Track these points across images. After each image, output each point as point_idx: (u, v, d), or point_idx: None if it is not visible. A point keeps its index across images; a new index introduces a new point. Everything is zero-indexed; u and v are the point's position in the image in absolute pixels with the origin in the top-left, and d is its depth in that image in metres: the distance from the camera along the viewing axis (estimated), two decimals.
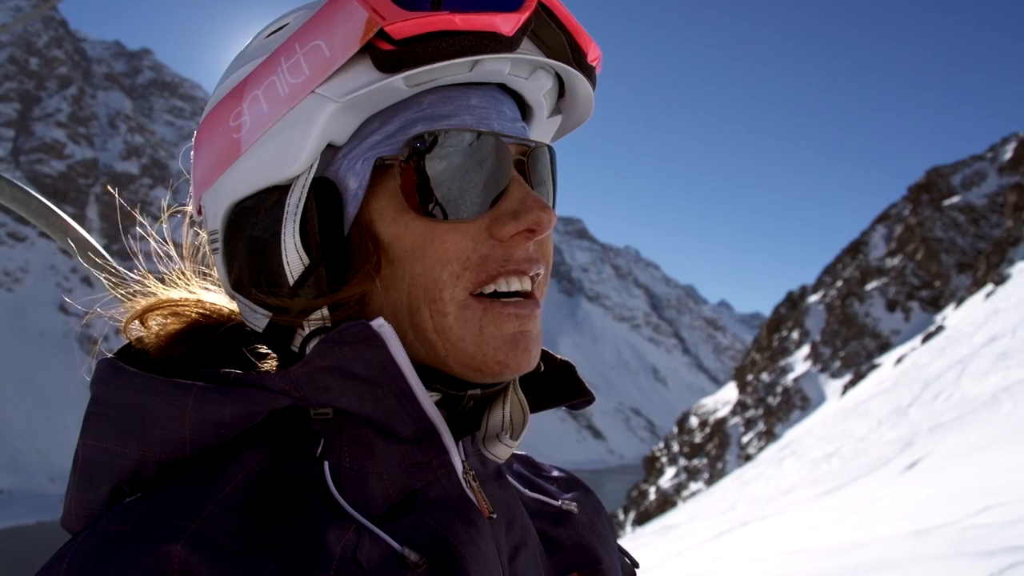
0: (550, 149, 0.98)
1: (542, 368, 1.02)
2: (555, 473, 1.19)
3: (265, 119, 0.85)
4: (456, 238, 0.85)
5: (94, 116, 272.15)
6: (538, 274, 0.91)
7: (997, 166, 50.31)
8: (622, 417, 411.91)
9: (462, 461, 0.91)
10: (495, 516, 0.91)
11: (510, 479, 1.03)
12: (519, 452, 1.19)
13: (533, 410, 1.00)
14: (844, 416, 23.61)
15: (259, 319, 0.91)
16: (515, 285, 0.88)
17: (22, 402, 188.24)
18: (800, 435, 27.78)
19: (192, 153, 0.98)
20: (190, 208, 1.03)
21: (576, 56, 0.92)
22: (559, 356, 1.05)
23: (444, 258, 0.85)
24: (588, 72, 0.95)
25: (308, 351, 0.86)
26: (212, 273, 1.05)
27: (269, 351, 0.92)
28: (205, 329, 0.98)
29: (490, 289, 0.87)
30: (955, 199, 49.79)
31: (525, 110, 1.00)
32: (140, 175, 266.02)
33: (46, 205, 1.87)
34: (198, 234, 1.05)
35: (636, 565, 1.22)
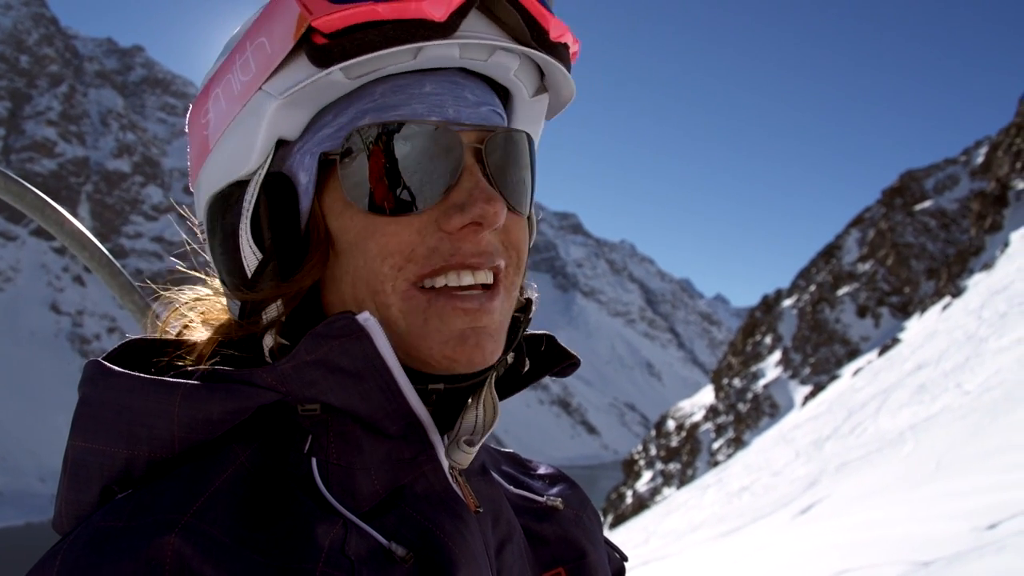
0: (513, 132, 0.93)
1: (526, 367, 1.01)
2: (541, 470, 1.18)
3: (224, 116, 0.87)
4: (398, 231, 0.84)
5: (85, 114, 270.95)
6: (497, 266, 0.89)
7: (969, 170, 50.35)
8: (616, 412, 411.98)
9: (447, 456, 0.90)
10: (481, 510, 0.91)
11: (494, 476, 1.03)
12: (506, 449, 1.20)
13: (520, 387, 1.00)
14: (774, 443, 23.66)
15: (236, 309, 0.92)
16: (467, 279, 0.86)
17: (12, 401, 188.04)
18: (733, 461, 27.86)
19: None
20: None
21: (536, 35, 0.88)
22: (540, 332, 1.04)
23: (385, 251, 0.84)
24: (552, 50, 0.91)
25: (264, 349, 0.89)
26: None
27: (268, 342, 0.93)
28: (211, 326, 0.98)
29: (440, 283, 0.86)
30: (927, 204, 49.84)
31: (506, 94, 0.98)
32: (132, 173, 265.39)
33: (41, 198, 1.86)
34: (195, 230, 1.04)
35: (625, 559, 1.22)
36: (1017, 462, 8.72)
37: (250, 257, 0.87)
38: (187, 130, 0.97)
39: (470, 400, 0.94)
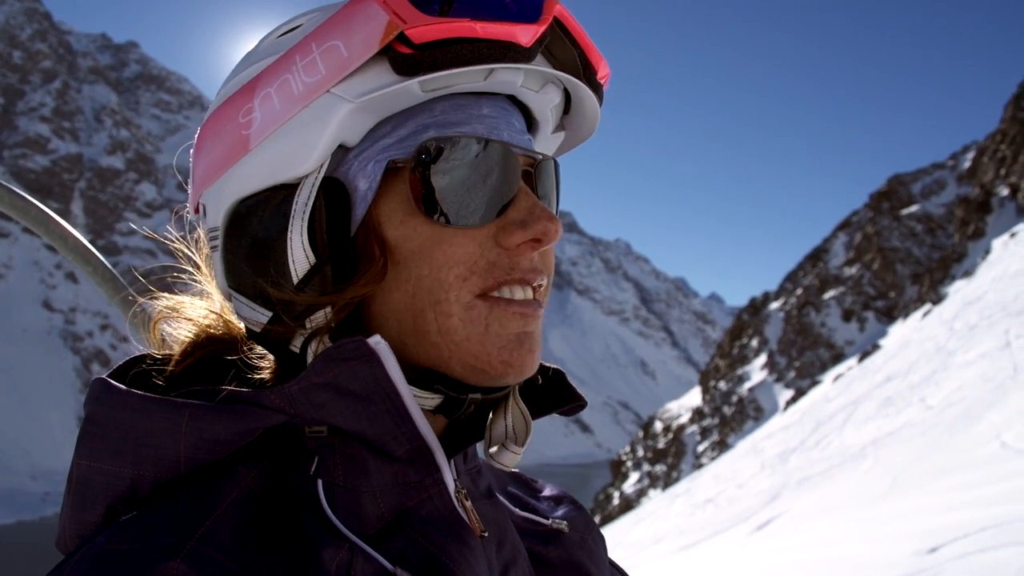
0: (555, 162, 0.99)
1: (539, 381, 1.03)
2: (546, 491, 1.20)
3: (277, 116, 0.85)
4: (463, 243, 0.86)
5: (79, 110, 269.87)
6: (541, 284, 0.92)
7: (956, 175, 50.49)
8: (610, 411, 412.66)
9: (454, 480, 0.91)
10: (486, 535, 0.92)
11: (500, 498, 1.03)
12: (512, 469, 1.18)
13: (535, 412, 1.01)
14: (744, 453, 23.68)
15: (258, 317, 0.90)
16: (519, 294, 0.89)
17: (4, 399, 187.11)
18: (705, 470, 27.90)
19: (193, 150, 0.97)
20: (188, 206, 1.01)
21: (586, 72, 0.94)
22: (550, 364, 1.06)
23: (451, 261, 0.86)
24: (596, 88, 0.97)
25: (308, 354, 0.88)
26: (203, 270, 1.03)
27: (265, 352, 0.93)
28: (216, 342, 0.98)
29: (494, 295, 0.88)
30: (913, 208, 49.99)
31: (531, 124, 1.01)
32: (126, 170, 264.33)
33: (45, 212, 1.88)
34: (194, 230, 1.02)
35: None
36: (966, 482, 8.78)
37: (301, 262, 0.85)
38: (204, 131, 0.94)
39: (496, 411, 0.96)
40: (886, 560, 7.02)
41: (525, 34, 0.84)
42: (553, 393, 1.04)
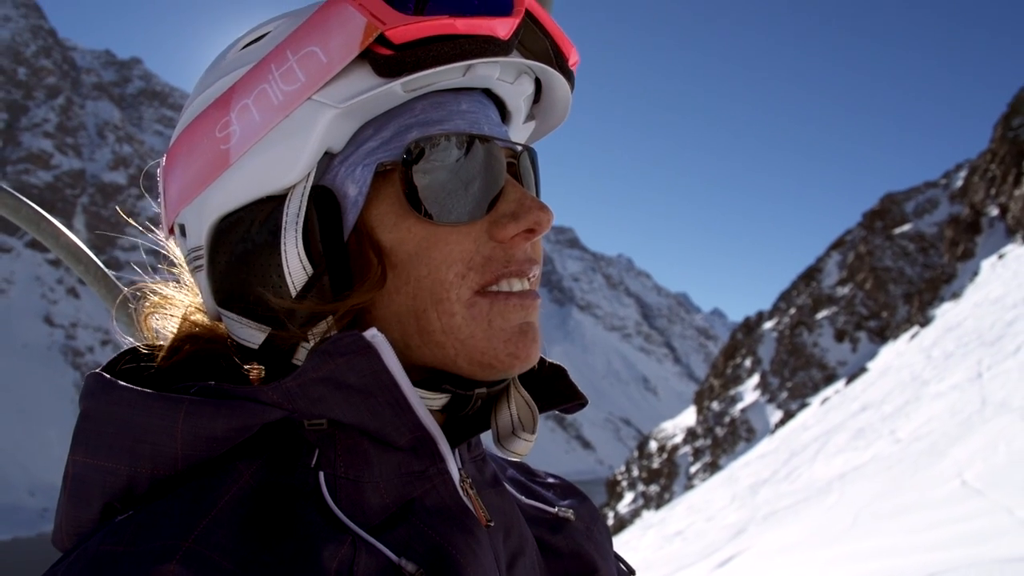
0: (532, 151, 0.99)
1: (536, 367, 1.02)
2: (551, 480, 1.18)
3: (257, 128, 0.84)
4: (459, 240, 0.86)
5: (82, 126, 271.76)
6: (536, 275, 0.93)
7: (949, 193, 50.39)
8: (612, 427, 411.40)
9: (458, 469, 0.90)
10: (492, 524, 0.90)
11: (507, 486, 1.02)
12: (514, 459, 1.16)
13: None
14: (720, 482, 23.53)
15: (254, 334, 0.88)
16: (516, 286, 0.89)
17: (3, 414, 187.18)
18: (679, 501, 27.69)
19: (163, 171, 0.96)
20: (163, 228, 1.01)
21: (558, 59, 0.95)
22: (549, 360, 1.04)
23: (449, 259, 0.85)
24: (569, 75, 0.98)
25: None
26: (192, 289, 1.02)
27: (255, 366, 0.90)
28: (204, 339, 0.95)
29: (493, 290, 0.87)
30: (906, 227, 49.88)
31: (504, 116, 1.01)
32: (128, 185, 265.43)
33: (37, 212, 1.85)
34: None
35: (632, 572, 1.21)
36: (923, 523, 8.66)
37: (298, 272, 0.84)
38: (176, 150, 0.92)
39: (499, 402, 0.96)
40: None
41: (503, 27, 0.84)
42: (554, 391, 1.02)
